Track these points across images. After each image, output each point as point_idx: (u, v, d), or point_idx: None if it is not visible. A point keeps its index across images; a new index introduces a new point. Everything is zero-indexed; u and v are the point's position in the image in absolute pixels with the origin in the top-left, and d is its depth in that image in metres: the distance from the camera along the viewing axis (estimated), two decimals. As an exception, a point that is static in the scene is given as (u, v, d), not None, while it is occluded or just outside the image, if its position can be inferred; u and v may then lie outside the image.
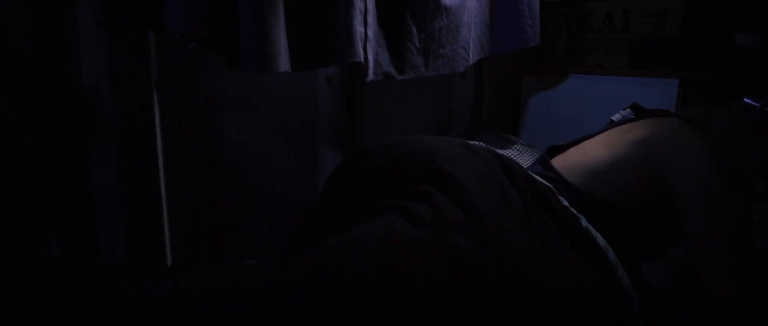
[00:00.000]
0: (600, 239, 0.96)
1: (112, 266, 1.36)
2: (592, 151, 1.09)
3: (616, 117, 1.22)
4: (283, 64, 1.20)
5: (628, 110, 1.21)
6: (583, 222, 0.97)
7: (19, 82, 1.24)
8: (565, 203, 0.98)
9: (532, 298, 0.77)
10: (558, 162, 1.13)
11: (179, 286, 0.77)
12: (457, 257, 0.76)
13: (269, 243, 1.57)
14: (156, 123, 1.39)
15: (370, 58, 1.34)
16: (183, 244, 1.49)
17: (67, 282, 1.27)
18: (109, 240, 1.37)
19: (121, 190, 1.36)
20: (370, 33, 1.32)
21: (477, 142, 1.60)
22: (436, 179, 0.87)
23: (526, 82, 1.87)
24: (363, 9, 1.29)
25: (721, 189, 0.94)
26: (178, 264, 1.46)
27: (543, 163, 1.14)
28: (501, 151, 1.56)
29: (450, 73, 1.54)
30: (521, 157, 1.58)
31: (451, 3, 1.45)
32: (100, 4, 1.23)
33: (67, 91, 1.31)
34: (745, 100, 1.02)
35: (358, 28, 1.27)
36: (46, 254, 1.30)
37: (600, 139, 1.12)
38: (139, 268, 1.37)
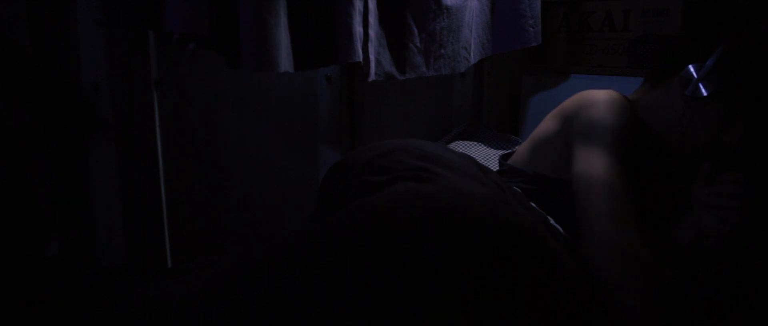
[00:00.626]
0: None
1: (112, 266, 1.36)
2: (530, 141, 1.16)
3: None
4: (283, 63, 1.20)
5: None
6: (551, 221, 1.01)
7: (19, 80, 1.24)
8: (533, 205, 1.03)
9: (534, 243, 0.81)
10: (511, 160, 1.21)
11: (179, 284, 0.78)
12: (471, 198, 0.82)
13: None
14: (156, 122, 1.39)
15: (372, 58, 1.34)
16: (183, 244, 1.49)
17: (67, 282, 1.27)
18: (109, 240, 1.37)
19: (121, 190, 1.35)
20: (371, 33, 1.32)
21: (457, 143, 1.63)
22: (428, 159, 0.95)
23: (526, 81, 1.87)
24: (362, 9, 1.29)
25: (603, 118, 0.98)
26: (178, 264, 1.46)
27: (499, 164, 1.23)
28: (500, 152, 1.57)
29: (451, 73, 1.54)
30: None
31: (452, 3, 1.45)
32: (100, 3, 1.23)
33: (66, 90, 1.30)
34: (690, 66, 1.00)
35: (358, 29, 1.27)
36: (45, 253, 1.30)
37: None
38: (139, 268, 1.36)
